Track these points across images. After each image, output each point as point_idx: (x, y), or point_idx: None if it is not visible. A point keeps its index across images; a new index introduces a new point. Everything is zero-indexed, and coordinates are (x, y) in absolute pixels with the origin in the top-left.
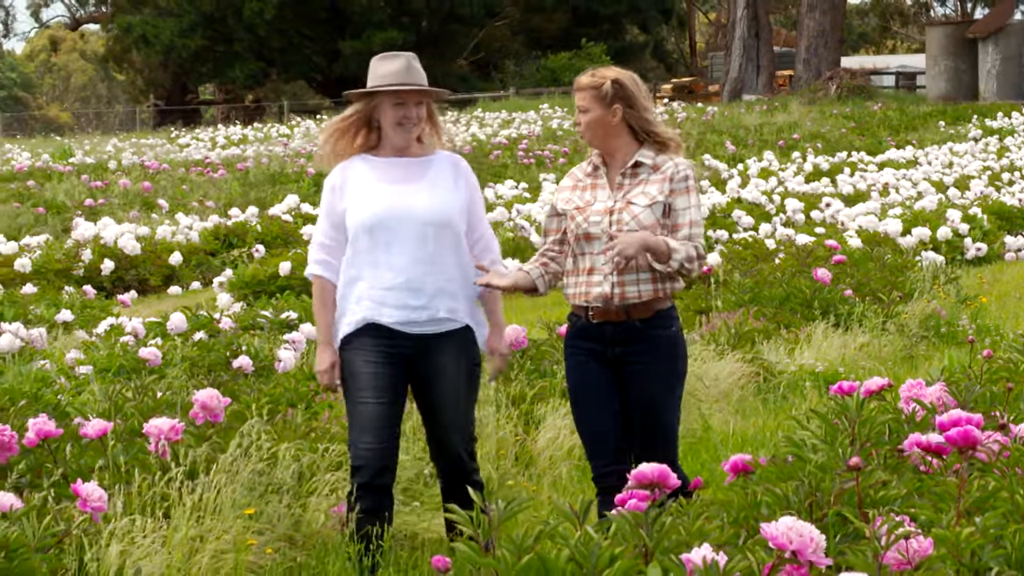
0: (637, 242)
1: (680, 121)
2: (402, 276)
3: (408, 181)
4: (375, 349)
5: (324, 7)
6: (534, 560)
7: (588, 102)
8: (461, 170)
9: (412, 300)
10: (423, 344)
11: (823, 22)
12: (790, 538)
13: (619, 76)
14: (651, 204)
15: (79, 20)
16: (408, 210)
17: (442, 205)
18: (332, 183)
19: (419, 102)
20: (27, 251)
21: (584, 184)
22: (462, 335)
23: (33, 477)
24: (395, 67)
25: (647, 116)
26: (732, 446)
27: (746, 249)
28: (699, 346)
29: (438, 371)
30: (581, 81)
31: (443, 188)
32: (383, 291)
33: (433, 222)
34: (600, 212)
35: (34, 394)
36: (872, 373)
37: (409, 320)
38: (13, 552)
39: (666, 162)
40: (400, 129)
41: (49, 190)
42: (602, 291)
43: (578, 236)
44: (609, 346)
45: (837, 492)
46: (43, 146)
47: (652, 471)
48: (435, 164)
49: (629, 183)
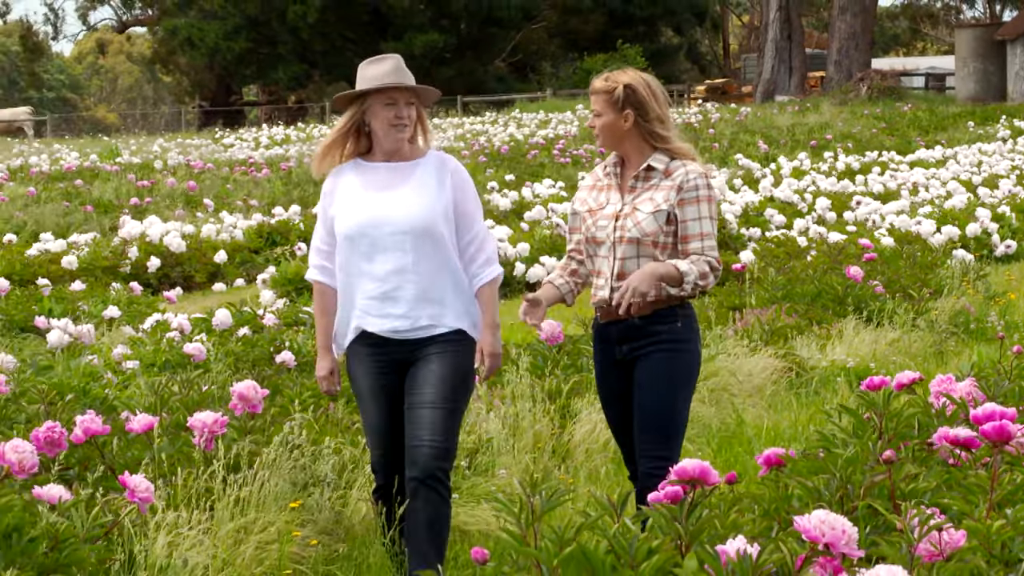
0: (648, 278)
1: (714, 121)
2: (382, 286)
3: (392, 187)
4: (370, 359)
5: (366, 10)
6: (575, 551)
7: (601, 106)
8: (448, 169)
9: (392, 309)
10: (411, 349)
11: (854, 24)
12: (823, 531)
13: (632, 81)
14: (655, 211)
15: (126, 23)
16: (387, 218)
17: (422, 211)
18: (325, 188)
19: (409, 102)
20: (75, 249)
21: (601, 184)
22: (449, 336)
23: (81, 470)
24: (384, 69)
25: (659, 127)
26: (765, 440)
27: (779, 247)
28: (732, 342)
29: (421, 369)
30: (595, 85)
31: (426, 193)
32: (367, 300)
33: (412, 230)
34: (608, 216)
35: (82, 388)
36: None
37: (393, 328)
38: (62, 543)
39: (678, 168)
40: (392, 130)
41: (97, 189)
42: (604, 295)
43: (588, 239)
44: (616, 345)
45: (868, 485)
46: (91, 146)
47: (693, 467)
48: (421, 166)
49: (640, 187)
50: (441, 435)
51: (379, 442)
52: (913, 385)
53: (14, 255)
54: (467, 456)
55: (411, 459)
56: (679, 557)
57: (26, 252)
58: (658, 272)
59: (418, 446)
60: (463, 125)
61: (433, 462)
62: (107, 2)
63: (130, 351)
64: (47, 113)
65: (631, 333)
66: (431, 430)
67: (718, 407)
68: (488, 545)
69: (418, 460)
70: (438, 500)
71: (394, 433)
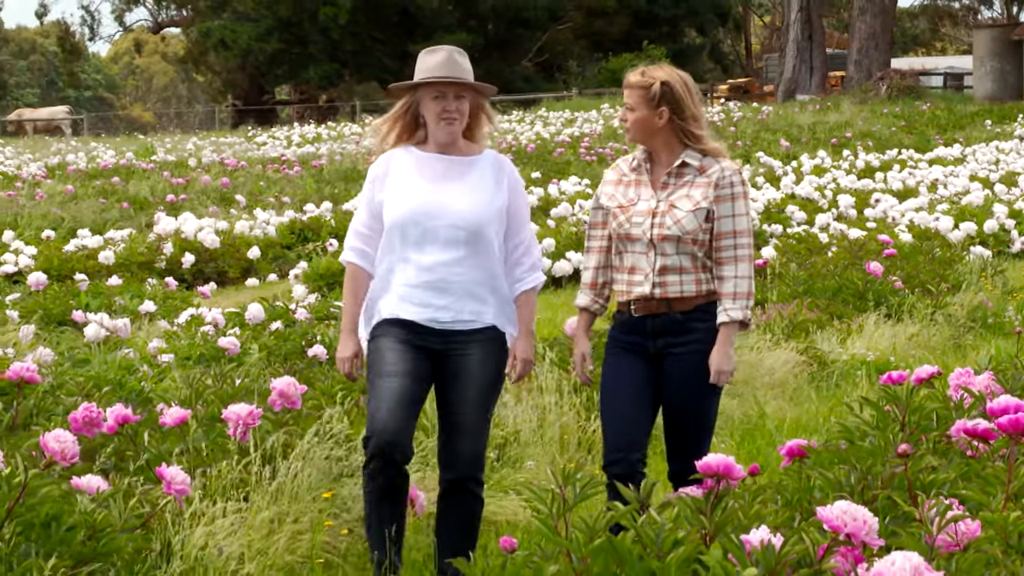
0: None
1: (736, 120)
2: (429, 275)
3: (448, 180)
4: (402, 337)
5: (395, 11)
6: (604, 543)
7: (635, 101)
8: (505, 172)
9: (436, 300)
10: (448, 340)
11: (874, 25)
12: (844, 521)
13: (669, 78)
14: (695, 209)
15: (161, 24)
16: (442, 210)
17: (478, 209)
18: (375, 173)
19: (459, 95)
20: (112, 244)
21: (628, 180)
22: (490, 335)
23: (118, 461)
24: (436, 60)
25: (693, 125)
26: (787, 432)
27: (800, 243)
28: (755, 336)
29: (462, 370)
30: (630, 79)
31: (483, 191)
32: (409, 288)
33: (466, 225)
34: (643, 213)
35: (118, 381)
36: (922, 362)
37: (434, 318)
38: (100, 532)
39: (712, 165)
40: (442, 123)
41: (133, 186)
42: (643, 291)
43: (620, 235)
44: (650, 339)
45: (887, 476)
46: (127, 144)
47: (718, 462)
48: (479, 165)
49: (674, 184)
50: (480, 442)
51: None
52: (932, 379)
53: (52, 251)
54: (496, 448)
55: (450, 462)
56: (704, 547)
57: (64, 248)
58: (730, 338)
59: (460, 452)
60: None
61: (473, 467)
62: (142, 4)
63: (165, 345)
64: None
65: (671, 328)
66: (473, 438)
67: (740, 400)
68: (516, 535)
69: (458, 465)
70: (474, 501)
71: (412, 406)
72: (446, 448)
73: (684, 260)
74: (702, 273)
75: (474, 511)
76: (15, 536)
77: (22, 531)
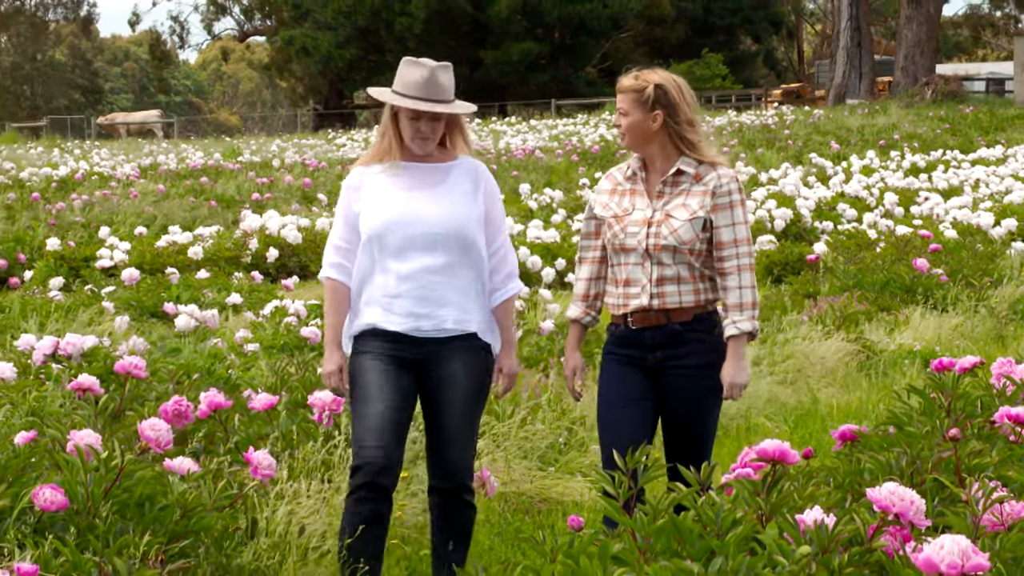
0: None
1: (789, 123)
2: (409, 284)
3: (424, 188)
4: (383, 353)
5: (467, 21)
6: (667, 522)
7: (628, 105)
8: (481, 178)
9: (418, 308)
10: (430, 350)
11: (920, 33)
12: (893, 502)
13: (663, 81)
14: (691, 219)
15: (246, 33)
16: (419, 217)
17: (456, 214)
18: (349, 184)
19: (435, 118)
20: (200, 240)
21: (623, 189)
22: (472, 342)
23: (208, 444)
24: (416, 77)
25: (688, 131)
26: (838, 418)
27: (850, 239)
28: (807, 327)
29: (448, 378)
30: (623, 83)
31: (460, 197)
32: (390, 298)
33: (445, 231)
34: (638, 223)
35: (208, 369)
36: (965, 352)
37: (415, 328)
38: (191, 511)
39: (709, 172)
40: (416, 141)
41: (220, 186)
42: (640, 303)
43: (615, 247)
44: (649, 351)
45: (935, 460)
46: (214, 146)
47: (773, 448)
48: (455, 171)
49: (670, 192)
50: (468, 450)
51: (378, 436)
52: (975, 368)
53: (145, 247)
54: (564, 431)
55: (439, 472)
56: (761, 527)
57: (156, 244)
58: (741, 351)
59: (449, 462)
60: (557, 126)
61: (463, 476)
62: (229, 14)
63: (251, 335)
64: (175, 116)
65: (670, 339)
66: (461, 446)
67: (794, 387)
68: (582, 514)
69: (447, 475)
70: (466, 508)
71: (397, 430)
72: (434, 458)
73: (682, 270)
74: (700, 283)
75: (467, 519)
76: (112, 515)
77: (118, 510)
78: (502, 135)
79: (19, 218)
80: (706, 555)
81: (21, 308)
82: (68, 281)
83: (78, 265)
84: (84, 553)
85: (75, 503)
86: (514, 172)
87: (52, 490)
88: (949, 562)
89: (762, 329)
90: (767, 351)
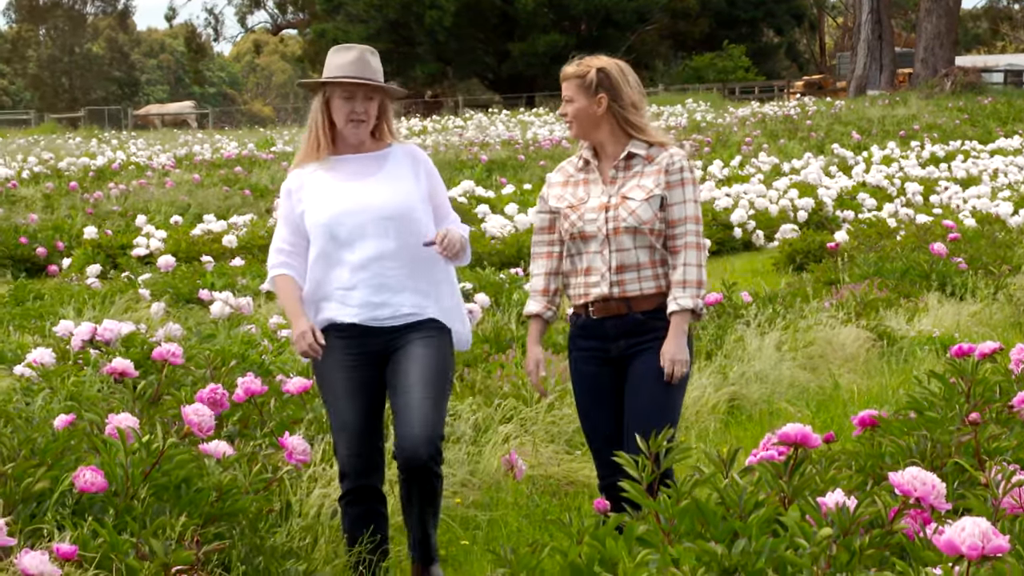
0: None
1: (811, 114)
2: (364, 273)
3: (365, 176)
4: (345, 352)
5: (495, 14)
6: (691, 504)
7: (573, 91)
8: (419, 160)
9: (374, 297)
10: (391, 336)
11: (939, 25)
12: (914, 485)
13: (605, 65)
14: (648, 198)
15: (279, 26)
16: (366, 206)
17: (401, 197)
18: (288, 187)
19: (369, 97)
20: (234, 229)
21: (576, 179)
22: (432, 325)
23: (242, 428)
24: (347, 59)
25: (633, 113)
26: (859, 403)
27: (870, 228)
28: (828, 313)
29: (405, 356)
30: (566, 70)
31: (402, 180)
32: (344, 291)
33: (394, 216)
34: (595, 209)
35: (242, 354)
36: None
37: (371, 317)
38: (226, 494)
39: (660, 152)
40: (350, 125)
41: (254, 175)
42: (601, 291)
43: (573, 235)
44: (611, 341)
45: (955, 444)
46: (248, 137)
47: (795, 432)
48: (391, 157)
49: (623, 176)
50: (433, 424)
51: (353, 443)
52: (994, 354)
53: (180, 235)
54: None
55: (404, 446)
56: (783, 509)
57: (191, 232)
58: (682, 328)
59: (412, 435)
60: None
61: (428, 447)
62: (263, 7)
63: (284, 321)
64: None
65: (632, 328)
66: (423, 419)
67: (815, 373)
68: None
69: (411, 448)
70: (433, 478)
71: (370, 432)
72: (400, 433)
73: (642, 255)
74: (660, 268)
75: (434, 488)
76: (149, 497)
77: (155, 492)
78: (530, 126)
79: (57, 207)
80: (729, 536)
81: (59, 295)
82: (105, 268)
83: (115, 253)
84: (122, 534)
85: (114, 485)
86: (541, 161)
87: (92, 472)
88: (970, 544)
89: (784, 315)
90: (789, 337)
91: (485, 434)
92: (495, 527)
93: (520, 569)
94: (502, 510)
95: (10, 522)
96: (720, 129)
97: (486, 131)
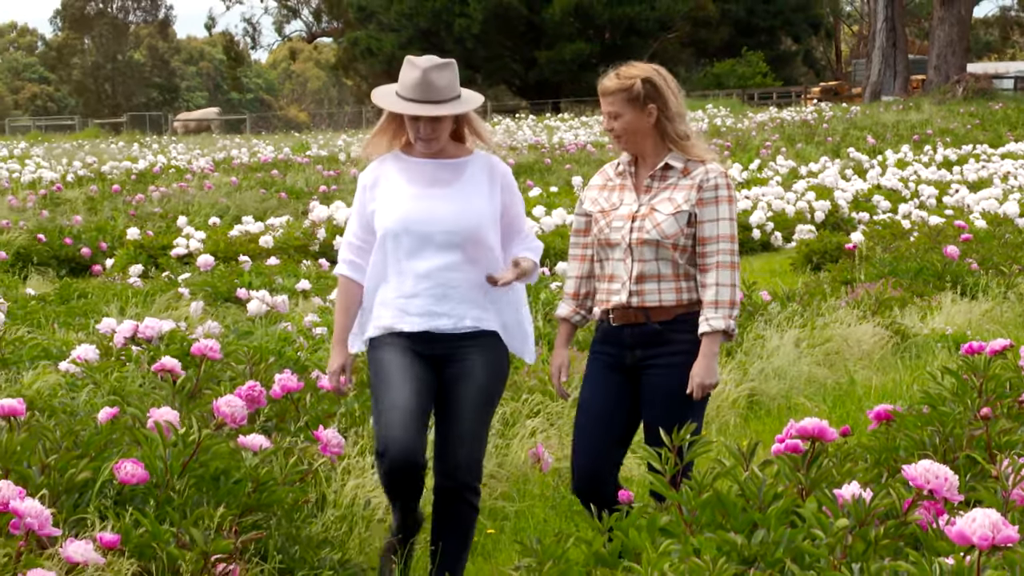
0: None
1: (827, 119)
2: (427, 283)
3: (438, 185)
4: (403, 346)
5: (522, 22)
6: (712, 496)
7: (619, 106)
8: (497, 173)
9: (435, 307)
10: (448, 346)
11: (952, 33)
12: (927, 478)
13: (648, 74)
14: (675, 212)
15: (314, 34)
16: (434, 216)
17: (471, 212)
18: (364, 182)
19: (434, 119)
20: (271, 230)
21: (613, 184)
22: (491, 340)
23: (278, 422)
24: (411, 80)
25: (679, 122)
26: (874, 398)
27: (885, 229)
28: (844, 311)
29: (464, 373)
30: (607, 85)
31: (476, 194)
32: (405, 299)
33: (461, 230)
34: (623, 217)
35: (278, 351)
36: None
37: (432, 327)
38: (263, 485)
39: (696, 167)
40: (419, 143)
41: (289, 178)
42: (620, 299)
43: (600, 241)
44: (628, 350)
45: (968, 438)
46: (284, 141)
47: (813, 426)
48: (469, 167)
49: (657, 187)
50: (478, 450)
51: (405, 418)
52: (1005, 351)
53: (219, 235)
54: None
55: (446, 470)
56: (801, 501)
57: (229, 233)
58: (714, 350)
59: (457, 461)
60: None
61: (470, 476)
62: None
63: (319, 319)
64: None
65: (649, 339)
66: (470, 445)
67: (832, 369)
68: (632, 488)
69: (454, 474)
70: (469, 511)
71: (420, 415)
72: (443, 456)
73: (664, 267)
74: (683, 281)
75: (470, 521)
76: (188, 488)
77: (195, 484)
78: (556, 130)
79: (101, 209)
80: (748, 527)
81: (103, 293)
82: (146, 268)
83: (156, 253)
84: (162, 524)
85: (154, 476)
86: (567, 165)
87: (133, 464)
88: (981, 534)
89: (802, 313)
90: (807, 334)
91: (512, 428)
92: (522, 518)
93: (546, 559)
94: (529, 501)
95: (55, 512)
96: (740, 133)
97: (514, 136)
